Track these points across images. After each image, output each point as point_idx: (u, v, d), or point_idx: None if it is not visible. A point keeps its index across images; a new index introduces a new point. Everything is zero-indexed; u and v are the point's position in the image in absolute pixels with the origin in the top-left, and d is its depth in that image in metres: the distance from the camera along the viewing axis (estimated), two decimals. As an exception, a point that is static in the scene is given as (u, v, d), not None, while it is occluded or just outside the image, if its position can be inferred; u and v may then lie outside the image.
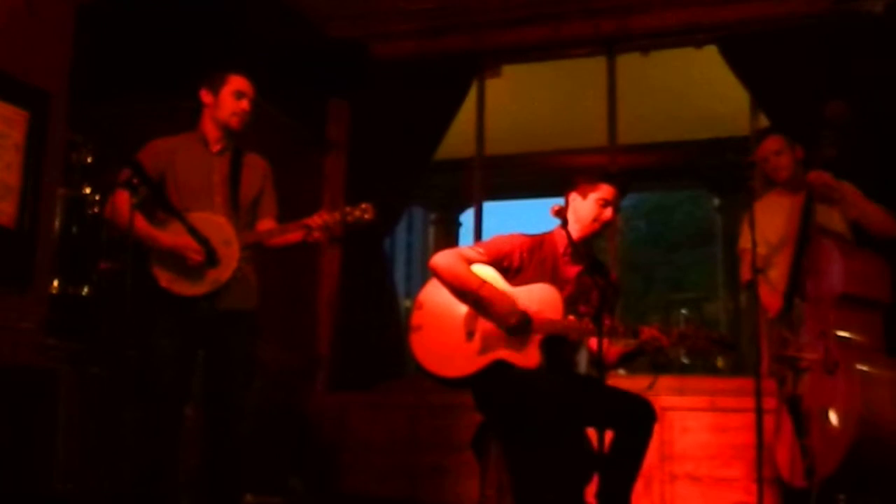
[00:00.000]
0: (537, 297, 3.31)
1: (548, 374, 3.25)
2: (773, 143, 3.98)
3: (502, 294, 3.28)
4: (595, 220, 3.42)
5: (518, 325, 3.23)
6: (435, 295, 3.39)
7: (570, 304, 3.36)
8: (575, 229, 3.45)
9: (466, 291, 3.31)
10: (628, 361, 3.64)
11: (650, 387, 3.36)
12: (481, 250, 3.42)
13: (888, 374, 3.46)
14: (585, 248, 3.48)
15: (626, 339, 3.25)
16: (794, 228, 3.75)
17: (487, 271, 3.38)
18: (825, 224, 3.74)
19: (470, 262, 3.38)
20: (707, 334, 3.24)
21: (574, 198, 3.49)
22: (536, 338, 3.26)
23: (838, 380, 3.44)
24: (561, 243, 3.47)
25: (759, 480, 3.33)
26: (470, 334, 3.33)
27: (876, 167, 3.91)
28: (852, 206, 3.76)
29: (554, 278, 3.40)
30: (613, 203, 3.45)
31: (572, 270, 3.46)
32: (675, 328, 3.21)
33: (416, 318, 3.40)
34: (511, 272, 3.41)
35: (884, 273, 3.61)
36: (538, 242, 3.47)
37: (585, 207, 3.44)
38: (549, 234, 3.52)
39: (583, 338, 3.49)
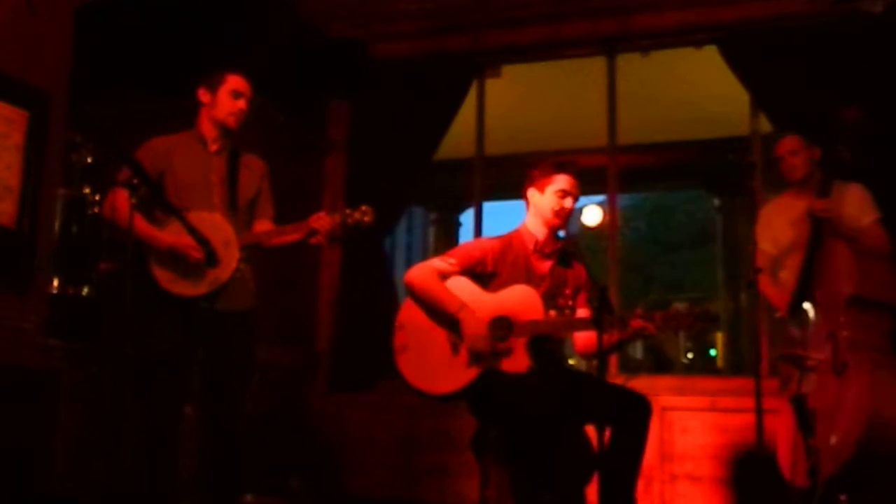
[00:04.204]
0: (517, 300, 3.31)
1: (540, 375, 3.25)
2: (789, 143, 3.99)
3: (476, 320, 3.27)
4: (556, 212, 3.41)
5: (487, 350, 3.24)
6: (415, 313, 3.40)
7: (549, 300, 3.35)
8: (539, 224, 3.45)
9: (444, 313, 3.32)
10: (617, 350, 3.62)
11: (624, 383, 3.38)
12: (453, 261, 3.42)
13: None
14: (555, 242, 3.48)
15: (613, 330, 3.25)
16: (802, 230, 3.75)
17: (462, 282, 3.38)
18: (845, 220, 3.74)
19: (443, 274, 3.39)
20: (689, 312, 3.23)
21: (532, 193, 3.49)
22: (522, 341, 3.26)
23: (847, 381, 3.44)
24: (529, 240, 3.47)
25: (759, 480, 3.33)
26: (455, 347, 3.32)
27: (876, 167, 3.90)
28: (848, 229, 3.76)
29: (528, 276, 3.40)
30: (572, 192, 3.43)
31: (545, 266, 3.46)
32: (658, 313, 3.21)
33: (399, 339, 3.41)
34: (485, 277, 3.42)
35: (894, 276, 3.61)
36: (507, 243, 3.47)
37: (545, 201, 3.44)
38: (516, 232, 3.52)
39: (569, 333, 3.49)
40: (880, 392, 3.39)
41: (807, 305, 3.70)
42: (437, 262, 3.44)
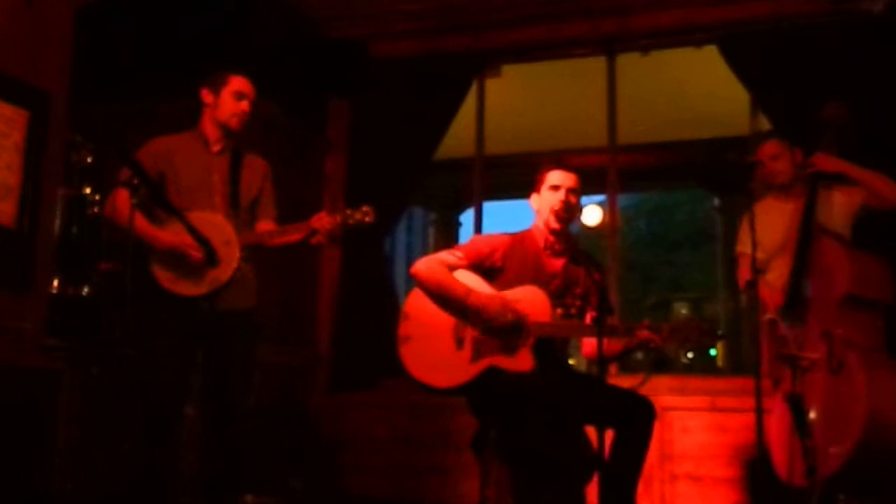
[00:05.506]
0: (524, 300, 3.28)
1: (543, 375, 3.24)
2: (770, 148, 3.99)
3: (490, 297, 3.26)
4: (553, 208, 3.38)
5: (513, 324, 3.21)
6: (420, 304, 3.37)
7: (557, 298, 3.34)
8: (543, 225, 3.45)
9: (453, 301, 3.30)
10: (622, 358, 3.63)
11: (641, 384, 3.35)
12: (461, 254, 3.39)
13: (892, 374, 3.46)
14: (566, 241, 3.46)
15: (619, 338, 3.24)
16: (792, 232, 3.75)
17: (469, 277, 3.36)
18: (827, 225, 3.74)
19: (451, 267, 3.36)
20: (697, 326, 3.23)
21: (533, 198, 3.49)
22: (528, 341, 3.25)
23: (844, 380, 3.44)
24: (541, 238, 3.46)
25: (759, 480, 3.32)
26: (460, 342, 3.31)
27: (875, 168, 3.91)
28: (858, 180, 3.74)
29: (537, 274, 3.38)
30: (564, 186, 3.40)
31: (557, 264, 3.45)
32: (665, 324, 3.21)
33: (403, 329, 3.37)
34: (493, 273, 3.40)
35: (886, 274, 3.61)
36: (518, 240, 3.46)
37: (542, 200, 3.43)
38: (528, 231, 3.51)
39: (575, 337, 3.48)
40: (878, 392, 3.38)
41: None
42: (445, 255, 3.41)
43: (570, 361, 4.22)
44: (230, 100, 3.46)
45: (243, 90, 3.48)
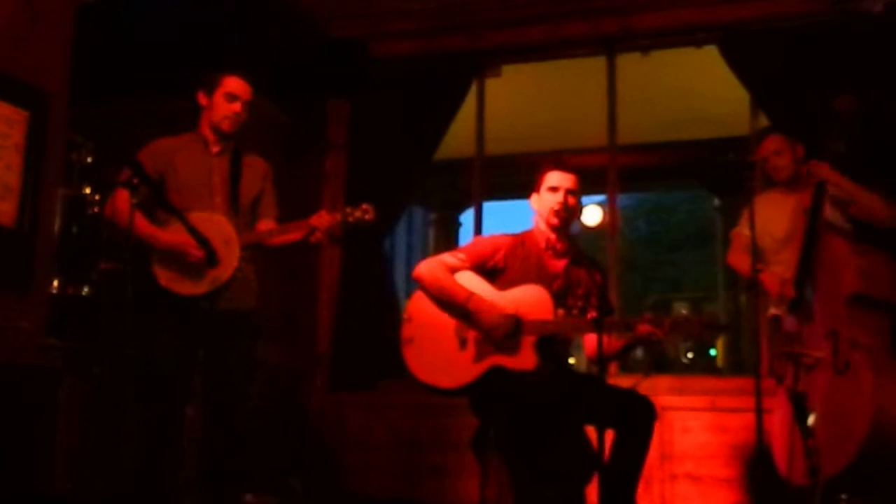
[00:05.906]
0: (526, 299, 3.30)
1: (545, 374, 3.25)
2: (772, 143, 3.99)
3: (490, 305, 3.28)
4: (551, 209, 3.38)
5: (506, 337, 3.24)
6: (423, 306, 3.40)
7: (559, 299, 3.35)
8: (543, 225, 3.45)
9: (454, 304, 3.32)
10: (624, 355, 3.64)
11: (638, 383, 3.36)
12: (463, 256, 3.41)
13: (896, 375, 3.46)
14: (567, 242, 3.46)
15: (620, 334, 3.25)
16: (798, 225, 3.75)
17: (471, 278, 3.38)
18: (831, 219, 3.73)
19: (453, 269, 3.38)
20: (699, 319, 3.23)
21: (533, 198, 3.50)
22: (530, 339, 3.25)
23: (849, 381, 3.43)
24: (542, 239, 3.46)
25: (759, 480, 3.32)
26: (463, 342, 3.33)
27: (874, 167, 3.90)
28: (850, 195, 3.73)
29: (539, 274, 3.39)
30: (562, 187, 3.40)
31: (559, 264, 3.45)
32: (667, 318, 3.19)
33: (406, 331, 3.40)
34: (495, 273, 3.41)
35: (894, 273, 3.60)
36: (520, 241, 3.47)
37: (542, 201, 3.44)
38: (530, 232, 3.51)
39: (577, 334, 3.49)
40: (884, 393, 3.38)
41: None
42: (447, 257, 3.43)
43: (570, 361, 4.23)
44: (222, 102, 3.46)
45: (235, 91, 3.47)
